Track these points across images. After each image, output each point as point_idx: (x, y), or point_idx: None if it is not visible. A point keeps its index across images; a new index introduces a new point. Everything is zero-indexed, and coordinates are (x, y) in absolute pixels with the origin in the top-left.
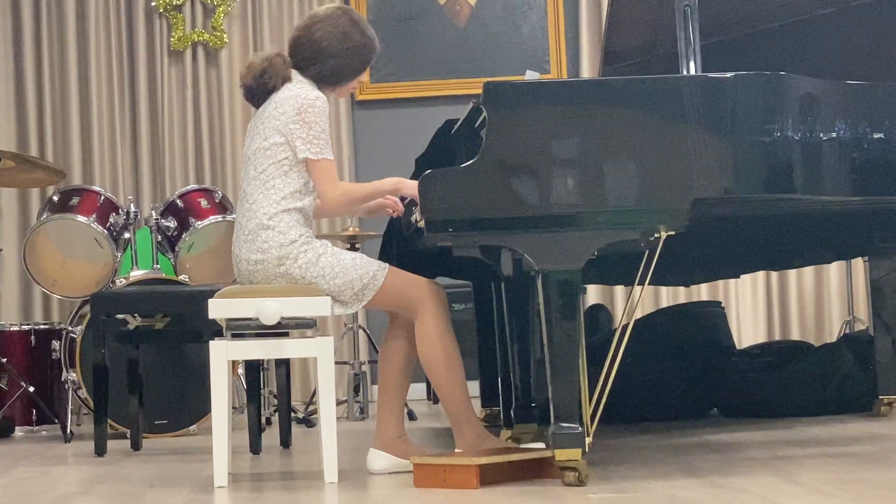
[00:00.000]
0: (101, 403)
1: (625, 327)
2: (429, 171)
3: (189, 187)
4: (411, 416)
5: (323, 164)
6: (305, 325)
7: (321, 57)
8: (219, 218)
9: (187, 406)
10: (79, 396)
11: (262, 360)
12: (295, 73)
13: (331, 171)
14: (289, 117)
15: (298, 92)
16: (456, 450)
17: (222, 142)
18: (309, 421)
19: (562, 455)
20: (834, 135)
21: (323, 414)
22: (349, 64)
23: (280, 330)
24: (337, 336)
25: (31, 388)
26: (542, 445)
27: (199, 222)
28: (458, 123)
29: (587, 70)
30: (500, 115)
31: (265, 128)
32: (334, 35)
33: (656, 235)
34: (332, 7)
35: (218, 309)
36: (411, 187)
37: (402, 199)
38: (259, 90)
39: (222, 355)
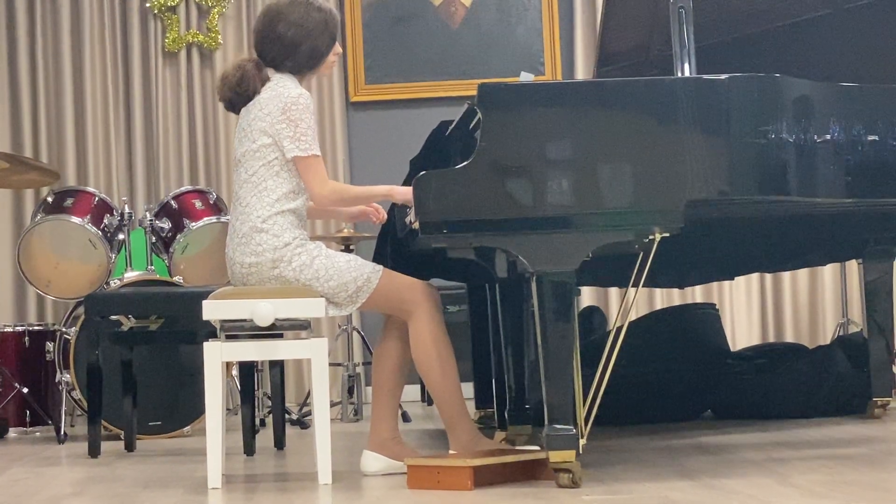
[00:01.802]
0: (95, 404)
1: (619, 329)
2: (423, 172)
3: (183, 188)
4: (405, 418)
5: (311, 160)
6: (299, 327)
7: (290, 49)
8: (213, 219)
9: (181, 407)
10: (72, 397)
11: (256, 362)
12: (272, 72)
13: (319, 168)
14: (274, 117)
15: (281, 91)
16: (450, 451)
17: (217, 143)
18: (303, 422)
19: (556, 457)
20: (828, 137)
21: (317, 415)
22: (320, 43)
23: (274, 331)
24: (331, 337)
25: (25, 390)
26: (536, 447)
27: (194, 223)
28: (453, 125)
29: (582, 72)
30: (495, 116)
31: (252, 130)
32: (295, 23)
33: (651, 237)
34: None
35: (212, 310)
36: (403, 194)
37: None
38: (239, 99)
39: (216, 356)
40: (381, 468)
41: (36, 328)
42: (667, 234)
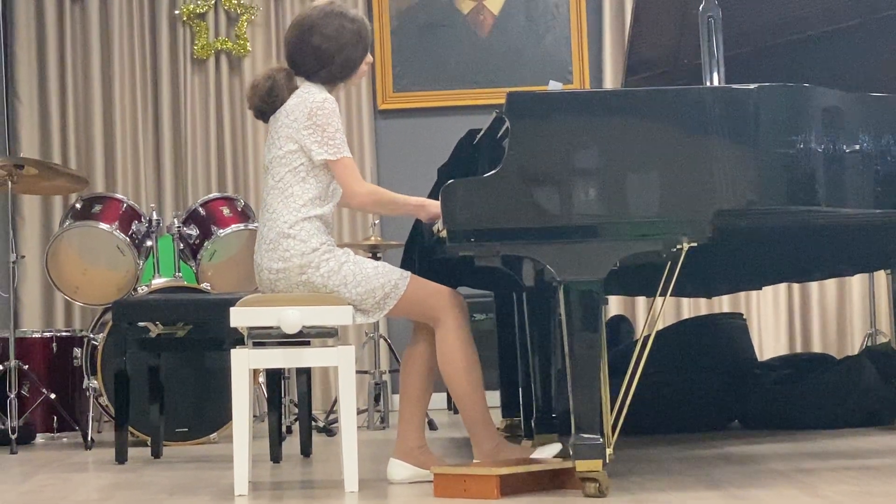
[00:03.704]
0: (122, 411)
1: (646, 338)
2: (451, 180)
3: (211, 195)
4: (432, 426)
5: (343, 162)
6: (327, 334)
7: (325, 61)
8: (241, 226)
9: (208, 414)
10: (100, 404)
11: (283, 369)
12: (301, 80)
13: (353, 169)
14: (300, 124)
15: (306, 97)
16: (474, 459)
17: (245, 150)
18: (329, 430)
19: (583, 466)
20: (857, 147)
21: (344, 423)
22: (353, 54)
23: (301, 339)
24: (358, 345)
25: (53, 395)
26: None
27: (222, 230)
28: (481, 133)
29: (610, 80)
30: (523, 125)
31: (279, 137)
32: (330, 36)
33: (678, 246)
34: (316, 8)
35: (239, 317)
36: (433, 211)
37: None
38: (269, 109)
39: (243, 363)
40: (407, 476)
41: (64, 334)
42: (695, 244)
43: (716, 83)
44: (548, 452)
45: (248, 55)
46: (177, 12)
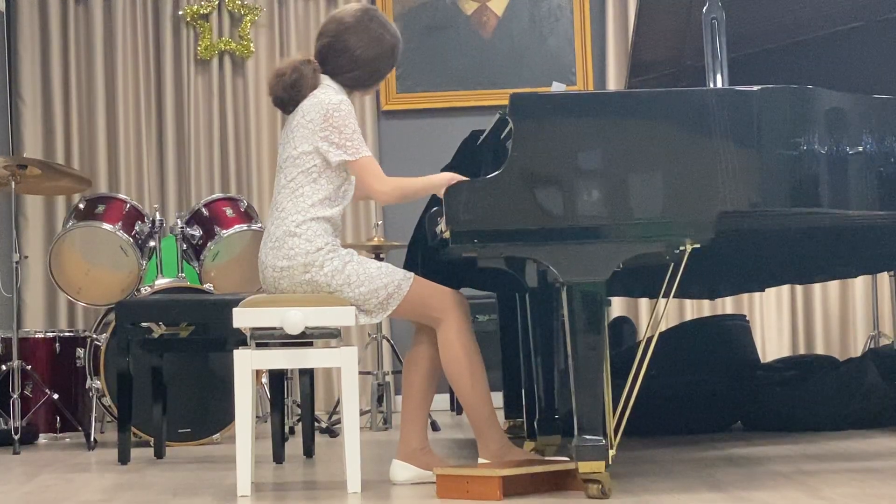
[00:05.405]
0: (125, 411)
1: (649, 340)
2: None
3: (214, 196)
4: (435, 427)
5: (363, 161)
6: (329, 335)
7: (358, 64)
8: (244, 227)
9: (211, 415)
10: (103, 404)
11: (286, 370)
12: (323, 78)
13: (373, 167)
14: (316, 125)
15: (322, 98)
16: (479, 459)
17: (248, 150)
18: (332, 431)
19: (585, 467)
20: (860, 149)
21: (346, 424)
22: (385, 65)
23: (304, 339)
24: (361, 346)
25: (56, 396)
26: (565, 458)
27: (225, 231)
28: (484, 134)
29: (613, 82)
30: (526, 126)
31: (294, 137)
32: (368, 42)
33: (682, 248)
34: (354, 9)
35: (242, 318)
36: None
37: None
38: (290, 100)
39: (246, 364)
40: (410, 477)
41: (67, 334)
42: (698, 246)
43: (719, 85)
44: None
45: (251, 56)
46: (180, 13)
